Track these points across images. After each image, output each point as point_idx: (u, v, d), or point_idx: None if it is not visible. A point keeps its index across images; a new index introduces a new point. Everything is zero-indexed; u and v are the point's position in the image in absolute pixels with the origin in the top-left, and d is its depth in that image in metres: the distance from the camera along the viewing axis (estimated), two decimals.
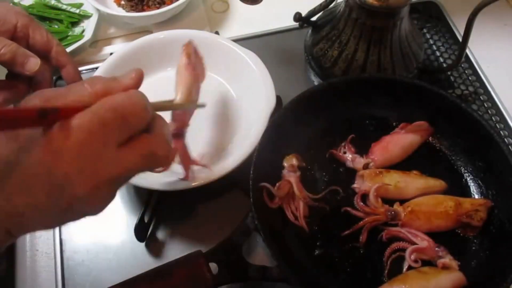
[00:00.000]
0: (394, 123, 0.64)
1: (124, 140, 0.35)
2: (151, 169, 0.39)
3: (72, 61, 0.67)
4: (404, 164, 0.61)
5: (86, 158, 0.33)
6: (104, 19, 0.84)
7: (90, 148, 0.33)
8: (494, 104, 0.72)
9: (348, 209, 0.57)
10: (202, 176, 0.58)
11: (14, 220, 0.34)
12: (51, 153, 0.33)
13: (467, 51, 0.77)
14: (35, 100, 0.35)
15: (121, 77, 0.38)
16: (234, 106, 0.69)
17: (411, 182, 0.58)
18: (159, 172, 0.50)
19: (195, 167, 0.62)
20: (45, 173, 0.33)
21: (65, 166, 0.33)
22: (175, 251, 0.60)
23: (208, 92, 0.72)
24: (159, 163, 0.39)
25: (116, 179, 0.36)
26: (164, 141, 0.39)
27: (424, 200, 0.56)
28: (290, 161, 0.59)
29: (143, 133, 0.37)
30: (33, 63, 0.60)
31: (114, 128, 0.35)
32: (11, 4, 0.67)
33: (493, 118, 0.71)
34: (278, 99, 0.67)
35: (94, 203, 0.36)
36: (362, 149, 0.62)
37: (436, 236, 0.54)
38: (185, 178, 0.58)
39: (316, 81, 0.70)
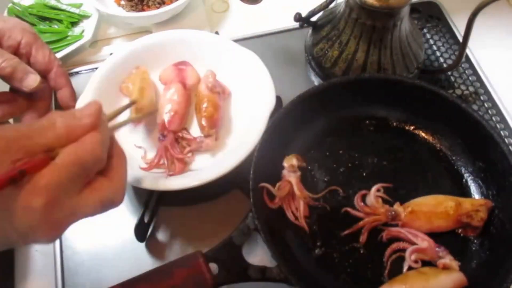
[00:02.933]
0: (394, 123, 0.64)
1: (83, 185, 0.39)
2: (104, 212, 0.41)
3: (70, 85, 0.67)
4: (405, 167, 0.61)
5: (50, 211, 0.36)
6: (104, 19, 0.84)
7: (55, 201, 0.36)
8: (495, 105, 0.72)
9: (348, 209, 0.57)
10: (202, 176, 0.58)
11: None
12: (20, 209, 0.35)
13: (467, 51, 0.77)
14: None
15: (80, 114, 0.40)
16: (234, 106, 0.69)
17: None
18: None
19: (195, 168, 0.62)
20: (12, 224, 0.36)
21: (31, 220, 0.36)
22: (175, 251, 0.60)
23: None
24: (113, 207, 0.41)
25: (73, 223, 0.39)
26: (122, 186, 0.42)
27: (424, 200, 0.56)
28: (290, 161, 0.59)
29: (100, 175, 0.40)
30: (32, 80, 0.60)
31: (77, 180, 0.38)
32: (18, 19, 0.67)
33: (493, 118, 0.70)
34: (278, 99, 0.67)
35: (48, 242, 0.39)
36: (361, 150, 0.62)
37: (436, 236, 0.54)
38: (171, 174, 0.60)
39: (316, 81, 0.70)
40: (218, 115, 0.65)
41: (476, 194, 0.58)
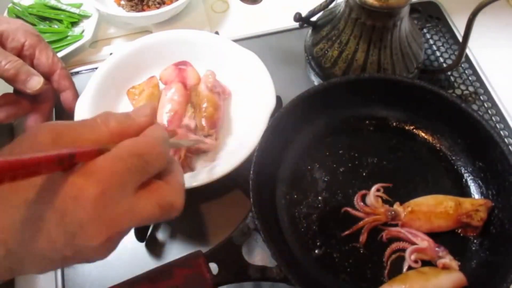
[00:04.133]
0: (394, 123, 0.64)
1: (140, 184, 0.34)
2: (164, 220, 0.36)
3: (73, 87, 0.67)
4: (405, 167, 0.61)
5: (104, 205, 0.31)
6: (104, 19, 0.84)
7: (109, 194, 0.31)
8: (494, 104, 0.72)
9: (348, 209, 0.57)
10: (203, 176, 0.58)
11: (16, 261, 0.32)
12: (69, 199, 0.31)
13: (467, 51, 0.77)
14: (45, 134, 0.33)
15: (135, 114, 0.37)
16: (234, 106, 0.69)
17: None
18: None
19: (195, 168, 0.62)
20: (58, 220, 0.31)
21: (81, 213, 0.31)
22: (175, 251, 0.60)
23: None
24: (173, 214, 0.37)
25: (129, 229, 0.34)
26: (181, 190, 0.37)
27: (424, 200, 0.56)
28: None
29: (158, 179, 0.36)
30: (36, 82, 0.60)
31: (135, 173, 0.33)
32: (21, 21, 0.67)
33: (493, 118, 0.70)
34: (278, 99, 0.67)
35: (101, 254, 0.33)
36: (361, 150, 0.62)
37: (436, 236, 0.54)
38: None
39: (316, 81, 0.70)
40: (218, 115, 0.65)
41: (476, 194, 0.58)
